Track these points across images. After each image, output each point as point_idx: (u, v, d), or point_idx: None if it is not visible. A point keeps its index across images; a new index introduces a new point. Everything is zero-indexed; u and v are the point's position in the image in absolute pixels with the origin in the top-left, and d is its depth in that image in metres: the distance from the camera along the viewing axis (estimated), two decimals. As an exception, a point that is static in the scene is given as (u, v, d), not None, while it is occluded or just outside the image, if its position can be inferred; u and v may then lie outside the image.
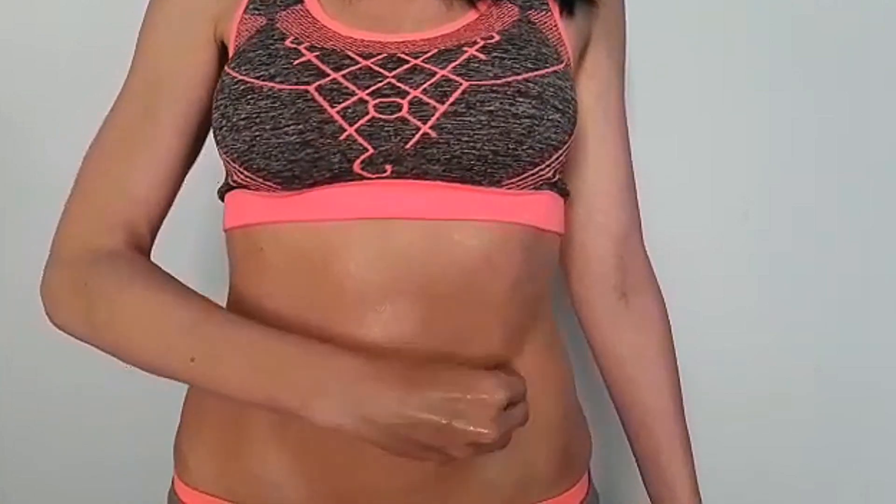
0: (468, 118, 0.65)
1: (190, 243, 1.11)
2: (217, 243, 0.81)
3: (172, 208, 1.13)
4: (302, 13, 0.71)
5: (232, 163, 0.69)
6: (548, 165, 0.69)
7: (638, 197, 0.84)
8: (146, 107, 0.73)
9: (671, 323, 0.83)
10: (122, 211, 0.72)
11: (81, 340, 0.69)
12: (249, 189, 0.69)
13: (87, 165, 0.74)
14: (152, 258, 0.75)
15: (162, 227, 1.08)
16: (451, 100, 0.65)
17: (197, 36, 0.74)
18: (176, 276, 1.16)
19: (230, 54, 0.72)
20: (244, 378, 0.61)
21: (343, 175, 0.66)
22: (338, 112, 0.65)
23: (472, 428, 0.58)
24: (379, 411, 0.58)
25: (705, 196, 1.12)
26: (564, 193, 0.75)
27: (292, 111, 0.65)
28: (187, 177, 0.81)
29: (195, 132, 0.75)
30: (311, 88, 0.66)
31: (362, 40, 0.69)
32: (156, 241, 1.09)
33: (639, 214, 0.83)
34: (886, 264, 1.12)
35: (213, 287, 1.09)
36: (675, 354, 0.82)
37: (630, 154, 0.82)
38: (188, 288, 0.67)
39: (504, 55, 0.68)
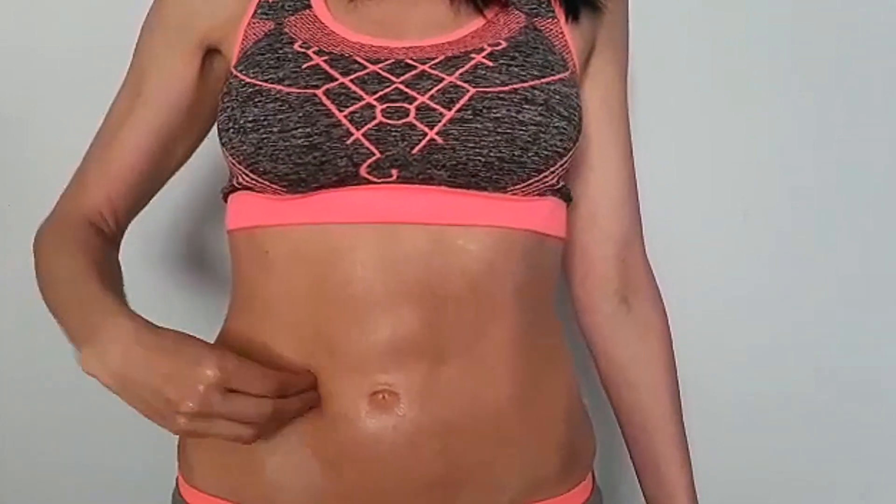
0: (475, 124, 0.65)
1: (192, 243, 1.10)
2: (218, 242, 0.81)
3: (175, 208, 1.13)
4: (310, 18, 0.72)
5: (238, 165, 0.69)
6: (552, 172, 0.69)
7: (638, 198, 0.84)
8: (129, 105, 0.77)
9: (671, 323, 0.83)
10: (87, 197, 0.76)
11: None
12: (254, 191, 0.70)
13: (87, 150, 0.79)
14: (158, 258, 0.75)
15: (166, 226, 1.09)
16: (458, 106, 0.66)
17: (187, 42, 0.75)
18: (179, 275, 1.16)
19: (234, 58, 0.72)
20: (62, 311, 0.66)
21: (349, 179, 0.66)
22: (345, 116, 0.65)
23: (173, 397, 0.59)
24: (113, 367, 0.60)
25: (705, 196, 1.12)
26: (567, 199, 0.76)
27: (300, 114, 0.65)
28: (190, 177, 0.81)
29: (167, 136, 0.77)
30: (320, 92, 0.66)
31: (370, 45, 0.69)
32: (159, 240, 1.09)
33: (640, 220, 0.83)
34: (886, 264, 1.12)
35: (214, 286, 1.09)
36: (674, 359, 0.82)
37: (632, 159, 0.82)
38: (95, 258, 0.70)
39: (511, 62, 0.69)
